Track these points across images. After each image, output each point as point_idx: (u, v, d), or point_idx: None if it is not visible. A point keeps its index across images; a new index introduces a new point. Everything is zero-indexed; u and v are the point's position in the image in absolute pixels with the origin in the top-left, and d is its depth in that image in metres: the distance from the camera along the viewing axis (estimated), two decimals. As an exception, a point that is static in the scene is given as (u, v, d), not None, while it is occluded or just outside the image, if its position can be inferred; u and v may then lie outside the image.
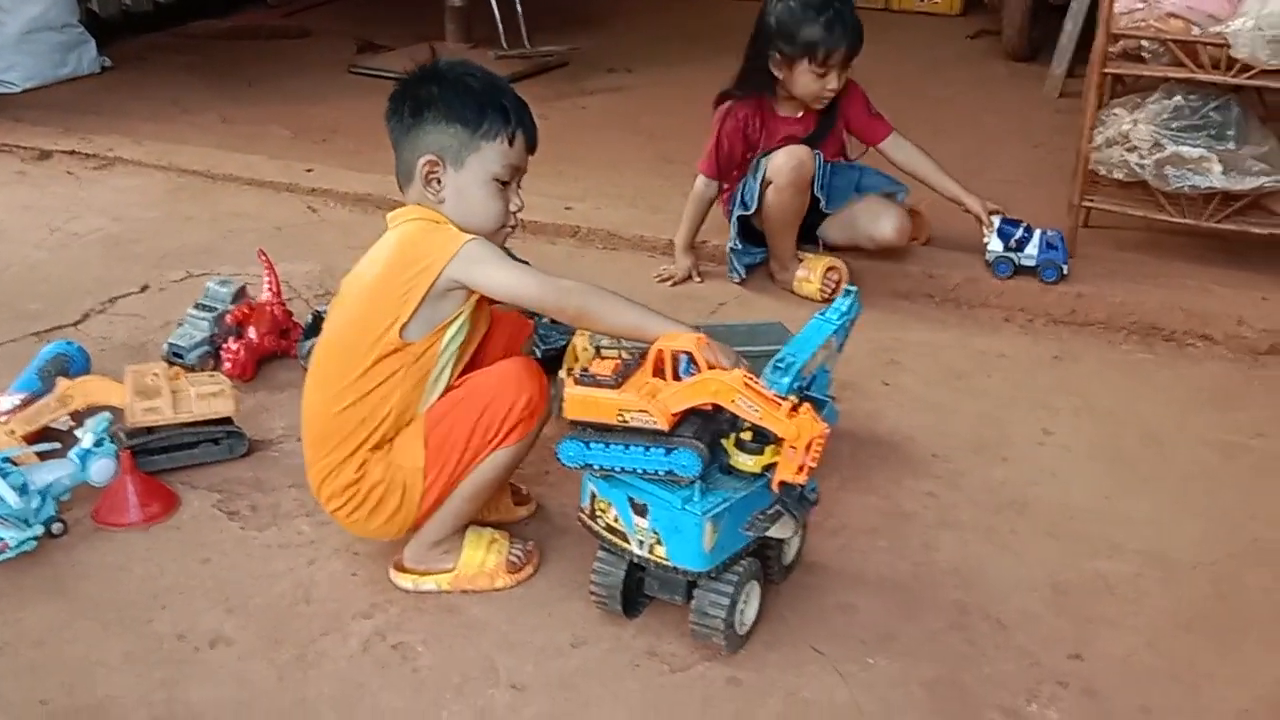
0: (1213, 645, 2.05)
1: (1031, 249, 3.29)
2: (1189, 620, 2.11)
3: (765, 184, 3.30)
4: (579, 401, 1.95)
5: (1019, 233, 3.30)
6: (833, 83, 3.29)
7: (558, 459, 1.98)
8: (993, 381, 2.96)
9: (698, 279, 3.49)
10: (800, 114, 3.41)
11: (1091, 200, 3.48)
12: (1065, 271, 3.28)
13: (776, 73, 3.31)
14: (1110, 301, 3.21)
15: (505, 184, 2.12)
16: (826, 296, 3.27)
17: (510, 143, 2.09)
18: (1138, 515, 2.40)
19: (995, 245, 3.31)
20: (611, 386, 1.93)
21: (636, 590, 2.07)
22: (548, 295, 2.03)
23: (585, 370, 1.96)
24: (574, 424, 1.97)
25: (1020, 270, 3.31)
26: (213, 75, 5.50)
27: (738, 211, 3.38)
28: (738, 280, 3.47)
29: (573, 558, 2.20)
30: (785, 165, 3.26)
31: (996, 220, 3.33)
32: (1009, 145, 4.25)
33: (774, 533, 1.95)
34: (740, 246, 3.45)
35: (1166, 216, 3.34)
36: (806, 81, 3.29)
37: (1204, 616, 2.12)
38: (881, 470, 2.54)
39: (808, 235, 3.45)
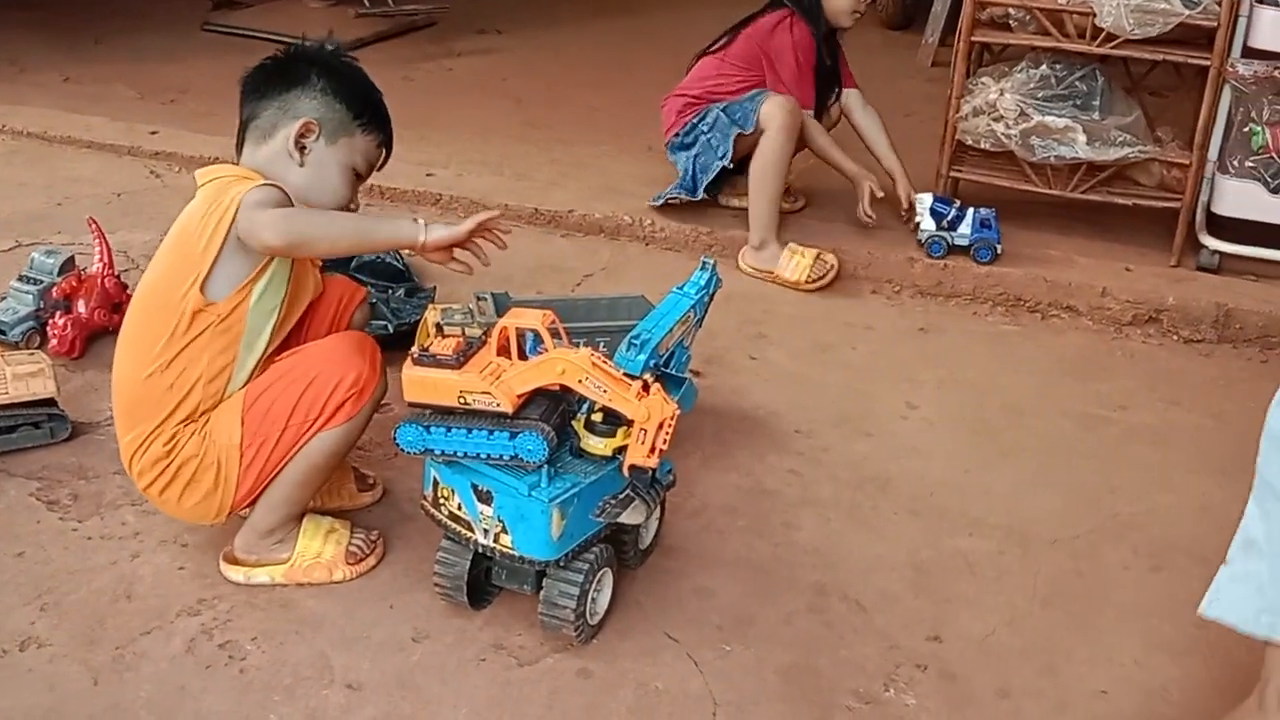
0: (1072, 623, 2.02)
1: (965, 228, 3.23)
2: (1048, 598, 2.08)
3: (753, 134, 3.22)
4: (418, 383, 1.83)
5: (952, 212, 3.23)
6: None
7: (395, 444, 1.86)
8: (859, 354, 2.91)
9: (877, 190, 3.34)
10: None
11: (959, 170, 3.46)
12: (999, 251, 3.22)
13: None
14: (975, 273, 3.19)
15: (358, 178, 2.10)
16: (814, 279, 3.19)
17: (378, 145, 2.11)
18: (999, 490, 2.37)
19: (928, 225, 3.24)
20: (452, 367, 1.82)
21: (484, 580, 1.96)
22: (276, 235, 1.83)
23: (424, 350, 1.85)
24: (413, 406, 1.86)
25: (954, 250, 3.24)
26: (57, 32, 5.21)
27: (721, 161, 3.27)
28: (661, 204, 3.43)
29: (418, 547, 2.09)
30: (779, 110, 3.18)
31: (928, 199, 3.26)
32: (883, 114, 4.20)
33: (625, 519, 1.86)
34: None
35: (1032, 187, 3.34)
36: None
37: (1063, 594, 2.09)
38: (744, 447, 2.47)
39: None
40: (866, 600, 2.05)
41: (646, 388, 1.79)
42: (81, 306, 2.72)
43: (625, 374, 1.81)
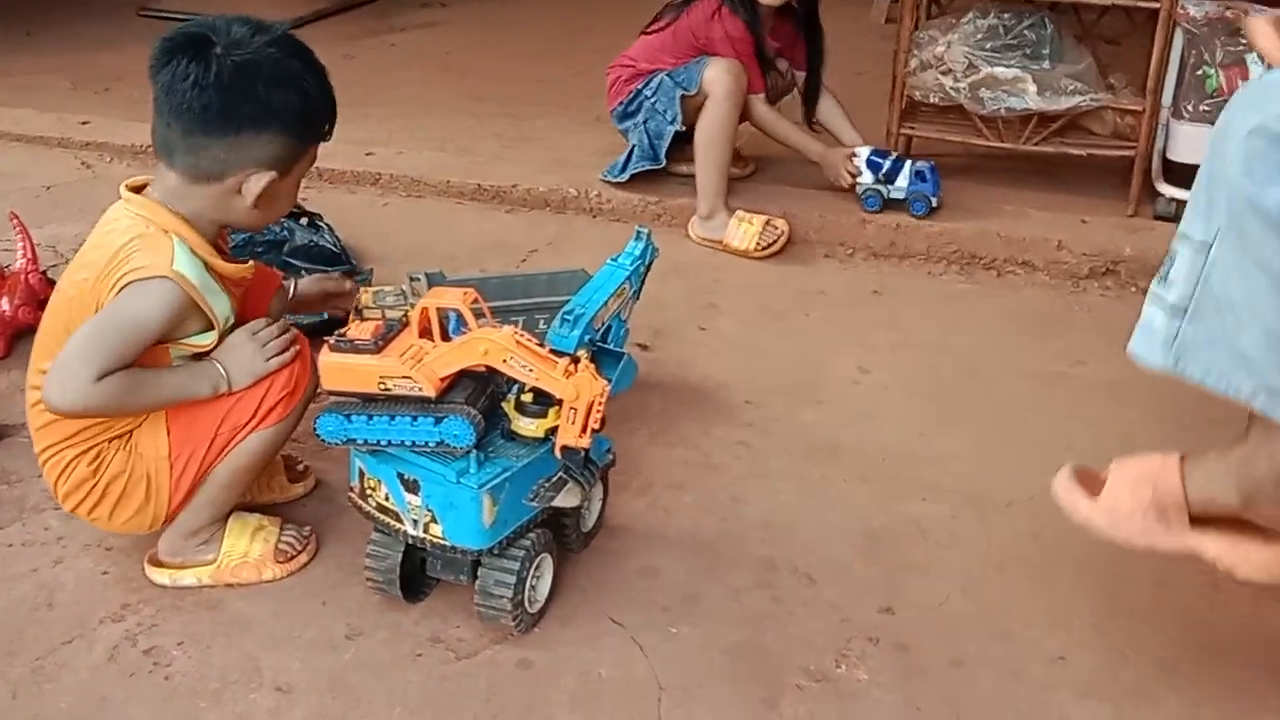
0: (1027, 588, 1.96)
1: (901, 181, 3.15)
2: (1003, 562, 2.02)
3: (693, 98, 3.14)
4: (335, 370, 1.76)
5: (887, 164, 3.16)
6: None
7: (316, 435, 1.79)
8: (811, 320, 2.85)
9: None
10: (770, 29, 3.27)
11: (911, 128, 3.38)
12: (935, 204, 3.14)
13: None
14: (928, 232, 3.12)
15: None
16: (763, 246, 3.11)
17: (328, 138, 1.91)
18: (953, 453, 2.31)
19: (865, 178, 3.17)
20: (372, 352, 1.74)
21: (420, 572, 1.89)
22: (65, 406, 1.74)
23: (342, 335, 1.77)
24: (333, 395, 1.78)
25: (890, 203, 3.17)
26: (-14, 25, 5.08)
27: (672, 126, 3.19)
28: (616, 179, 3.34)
29: (353, 539, 2.00)
30: (723, 74, 3.11)
31: (865, 151, 3.18)
32: (834, 73, 4.15)
33: (560, 502, 1.79)
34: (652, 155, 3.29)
35: (984, 141, 3.28)
36: None
37: (1018, 558, 2.03)
38: (691, 421, 2.41)
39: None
40: (817, 572, 1.99)
41: (576, 363, 1.72)
42: (5, 304, 2.62)
43: (553, 351, 1.74)
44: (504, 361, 1.71)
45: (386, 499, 1.81)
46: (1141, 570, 1.99)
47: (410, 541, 1.81)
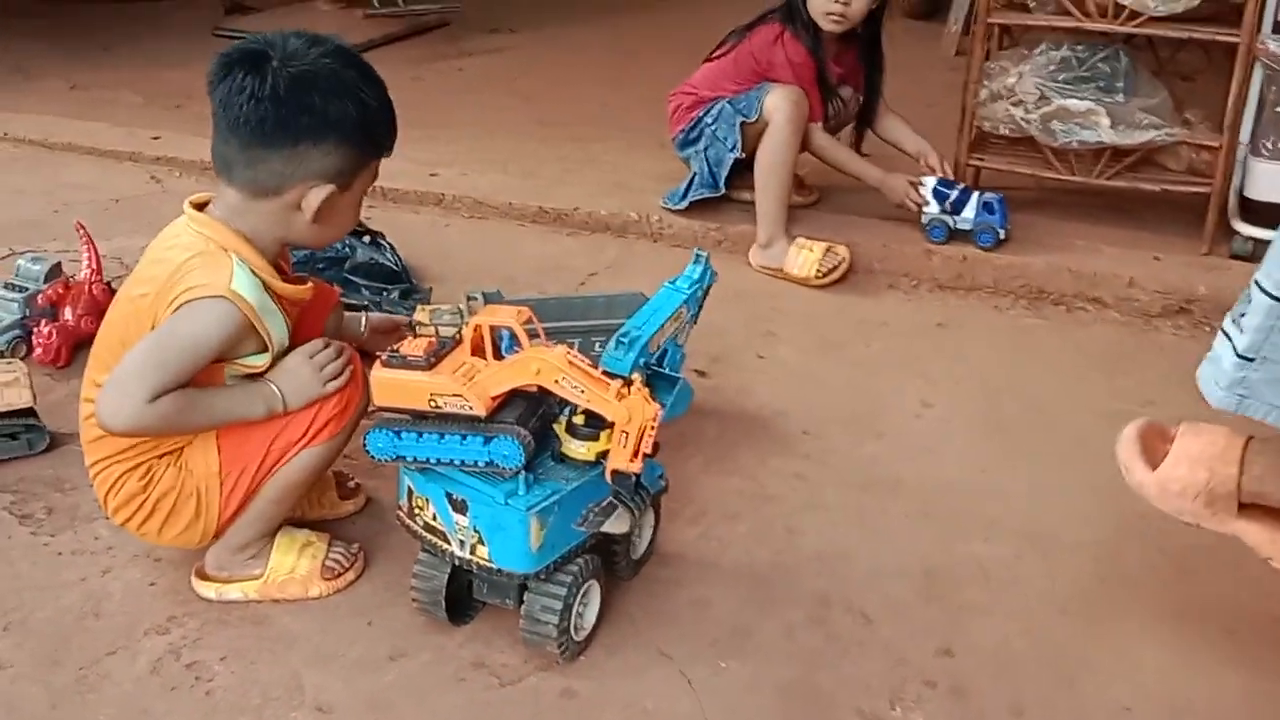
0: (1093, 632, 1.89)
1: (968, 212, 3.09)
2: (1066, 605, 1.95)
3: (753, 125, 3.12)
4: (387, 386, 1.74)
5: (954, 194, 3.10)
6: None
7: (365, 451, 1.77)
8: (872, 351, 2.79)
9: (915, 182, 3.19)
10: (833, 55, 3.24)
11: (980, 159, 3.33)
12: (1003, 236, 3.08)
13: None
14: (996, 265, 3.06)
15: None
16: (823, 273, 3.07)
17: (388, 152, 1.90)
18: (1017, 491, 2.25)
19: (932, 208, 3.12)
20: (423, 368, 1.72)
21: (466, 594, 1.86)
22: (119, 424, 1.74)
23: (395, 351, 1.75)
24: (383, 411, 1.76)
25: (956, 234, 3.11)
26: (64, 40, 5.20)
27: (732, 153, 3.17)
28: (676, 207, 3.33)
29: (402, 559, 1.97)
30: (784, 101, 3.08)
31: (931, 181, 3.13)
32: (905, 105, 4.11)
33: (609, 528, 1.74)
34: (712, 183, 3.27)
35: (1055, 174, 3.21)
36: None
37: (1083, 600, 1.96)
38: (748, 450, 2.36)
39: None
40: (873, 610, 1.93)
41: (629, 386, 1.68)
42: (68, 314, 2.65)
43: (607, 373, 1.70)
44: (556, 382, 1.68)
45: (434, 518, 1.78)
46: (1212, 619, 1.92)
47: (457, 563, 1.78)
